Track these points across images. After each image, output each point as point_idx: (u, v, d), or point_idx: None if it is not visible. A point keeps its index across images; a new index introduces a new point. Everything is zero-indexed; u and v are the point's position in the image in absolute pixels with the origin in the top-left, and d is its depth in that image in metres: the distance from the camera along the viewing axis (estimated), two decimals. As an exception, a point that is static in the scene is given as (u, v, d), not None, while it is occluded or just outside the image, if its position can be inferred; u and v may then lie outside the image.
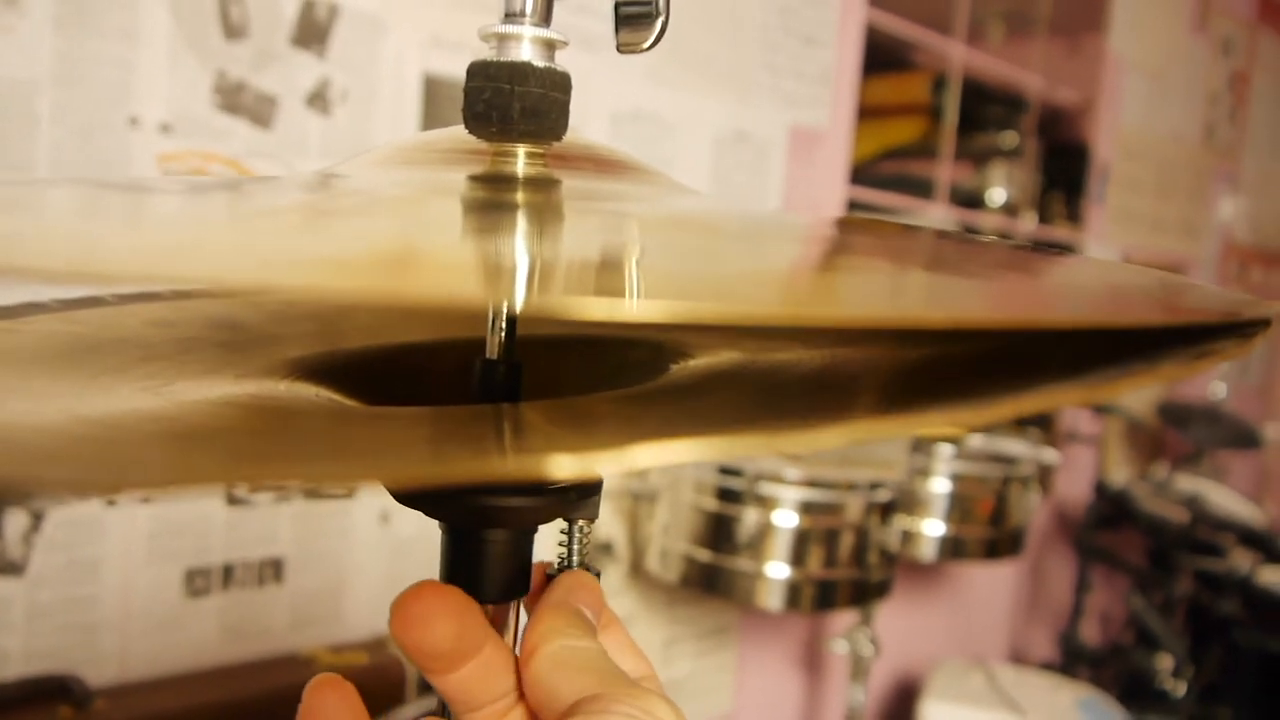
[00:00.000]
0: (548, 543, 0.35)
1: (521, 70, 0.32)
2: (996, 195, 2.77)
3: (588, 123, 1.62)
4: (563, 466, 0.22)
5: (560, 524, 0.35)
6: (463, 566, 0.33)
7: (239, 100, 1.27)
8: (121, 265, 0.20)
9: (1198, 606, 2.86)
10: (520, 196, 0.32)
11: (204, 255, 0.21)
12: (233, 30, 1.25)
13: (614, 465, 0.20)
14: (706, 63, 1.81)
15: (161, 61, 1.20)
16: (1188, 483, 2.92)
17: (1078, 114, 2.91)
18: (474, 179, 0.34)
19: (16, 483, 0.19)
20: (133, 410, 0.28)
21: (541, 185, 0.33)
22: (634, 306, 0.22)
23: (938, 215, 2.45)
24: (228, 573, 1.33)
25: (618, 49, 0.34)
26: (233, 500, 1.32)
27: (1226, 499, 2.91)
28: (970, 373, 0.30)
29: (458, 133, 0.34)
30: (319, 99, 1.33)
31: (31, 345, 0.34)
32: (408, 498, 0.31)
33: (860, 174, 2.17)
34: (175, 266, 0.20)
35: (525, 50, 0.33)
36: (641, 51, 0.33)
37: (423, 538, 1.52)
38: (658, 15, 0.32)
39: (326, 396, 0.34)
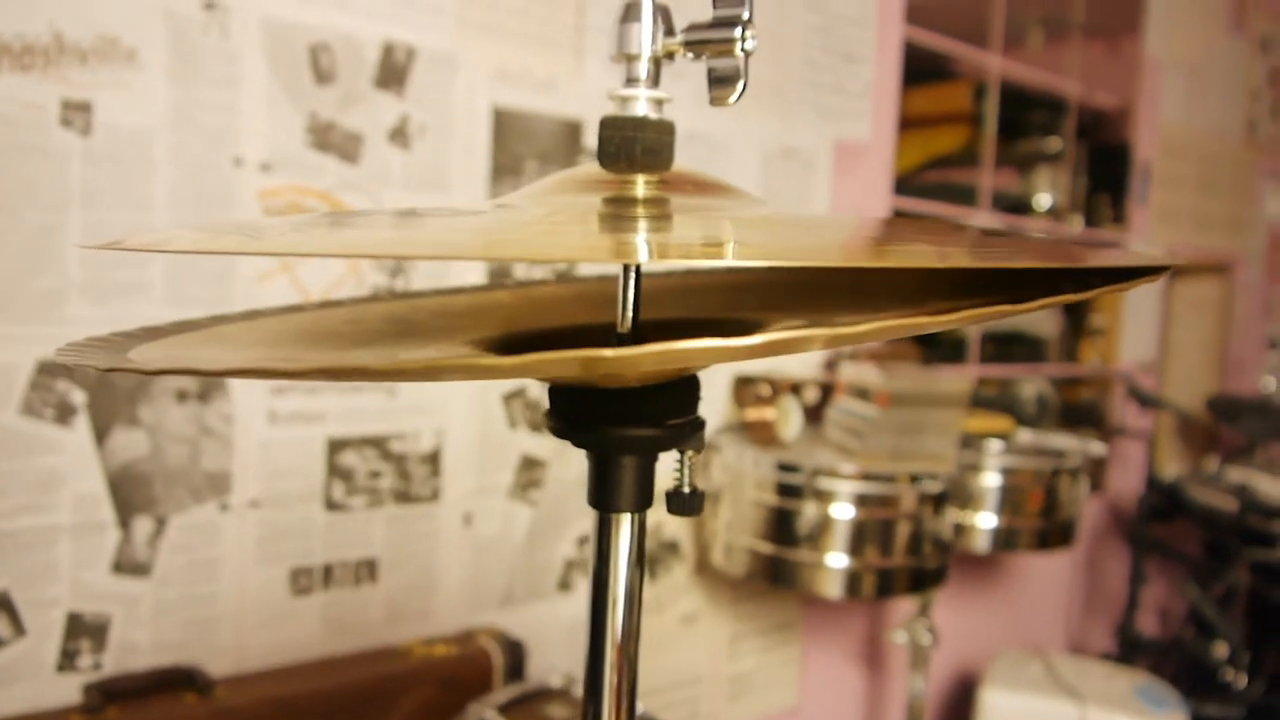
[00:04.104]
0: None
1: (641, 122, 0.44)
2: (1042, 200, 2.84)
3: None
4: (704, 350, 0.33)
5: (674, 455, 0.47)
6: (604, 484, 0.45)
7: (329, 138, 1.39)
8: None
9: (1259, 598, 2.88)
10: (642, 210, 0.43)
11: (522, 247, 0.33)
12: (322, 75, 1.38)
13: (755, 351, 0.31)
14: (752, 83, 1.91)
15: (261, 106, 1.33)
16: (1239, 475, 2.95)
17: (1118, 115, 2.97)
18: (607, 200, 0.45)
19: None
20: (363, 365, 0.39)
21: (658, 202, 0.44)
22: (731, 254, 0.33)
23: (982, 222, 2.51)
24: (328, 572, 1.45)
25: (710, 103, 0.45)
26: (331, 505, 1.44)
27: (1276, 488, 2.93)
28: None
29: (593, 168, 0.46)
30: (400, 134, 1.45)
31: (263, 335, 0.46)
32: (564, 432, 0.43)
33: (905, 184, 2.25)
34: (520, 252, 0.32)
35: (641, 107, 0.45)
36: (728, 105, 0.44)
37: (502, 537, 1.63)
38: (739, 78, 0.44)
39: (485, 354, 0.46)
